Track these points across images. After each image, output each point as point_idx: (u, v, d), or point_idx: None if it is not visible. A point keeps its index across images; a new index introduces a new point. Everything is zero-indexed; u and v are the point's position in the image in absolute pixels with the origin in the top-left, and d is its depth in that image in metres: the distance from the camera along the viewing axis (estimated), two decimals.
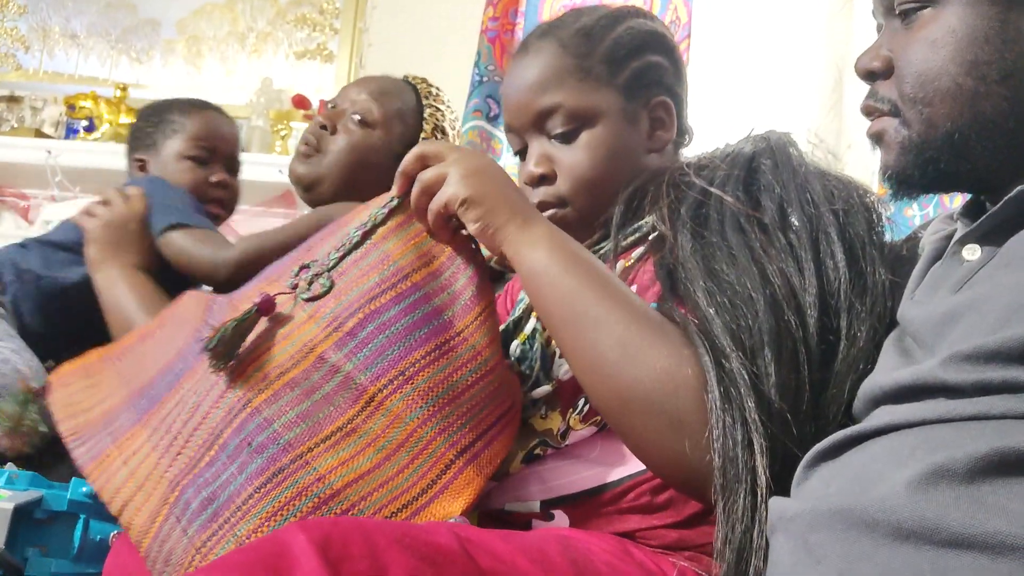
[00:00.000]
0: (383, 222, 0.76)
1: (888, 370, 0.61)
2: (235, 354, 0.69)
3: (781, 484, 0.60)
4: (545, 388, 0.77)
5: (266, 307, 0.71)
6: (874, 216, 0.74)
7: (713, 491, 0.60)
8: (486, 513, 0.76)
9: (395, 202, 0.77)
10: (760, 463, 0.59)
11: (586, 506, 0.73)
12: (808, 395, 0.63)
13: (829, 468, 0.56)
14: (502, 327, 0.80)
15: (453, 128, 1.36)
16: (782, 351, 0.63)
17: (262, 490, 0.64)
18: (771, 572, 0.55)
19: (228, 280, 1.12)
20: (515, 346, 0.80)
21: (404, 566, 0.53)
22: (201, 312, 0.80)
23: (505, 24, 2.13)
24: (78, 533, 0.86)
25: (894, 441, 0.53)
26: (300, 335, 0.71)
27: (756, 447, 0.60)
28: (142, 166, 1.45)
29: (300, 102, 2.59)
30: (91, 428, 0.75)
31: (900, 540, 0.46)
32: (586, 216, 0.84)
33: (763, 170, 0.74)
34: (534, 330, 0.79)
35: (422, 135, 1.29)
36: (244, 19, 2.79)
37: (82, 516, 0.86)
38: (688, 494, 0.68)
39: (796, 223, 0.70)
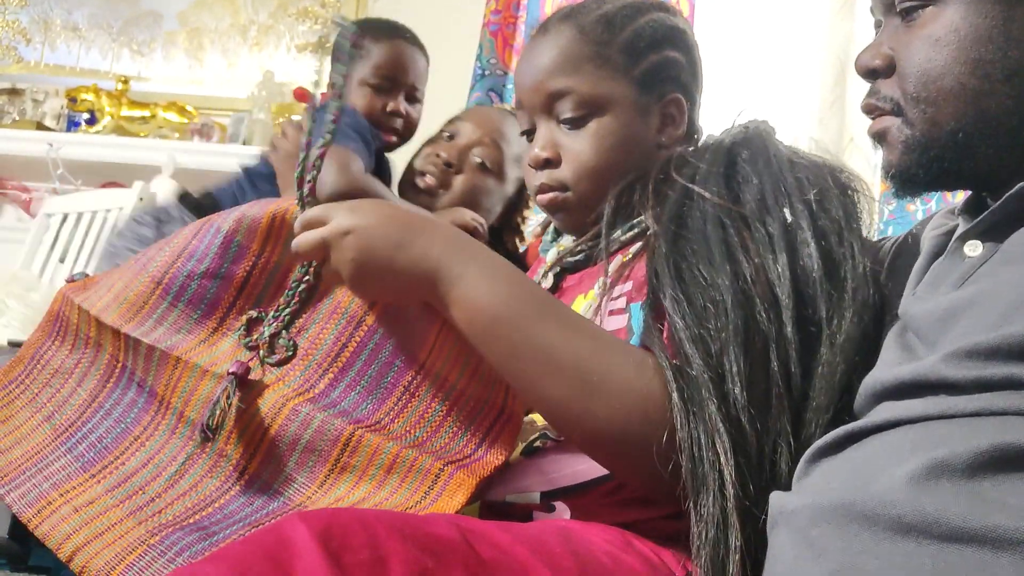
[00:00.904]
0: (320, 277, 0.75)
1: (890, 366, 0.61)
2: (224, 429, 0.69)
3: (771, 475, 0.61)
4: None
5: (244, 377, 0.71)
6: (851, 198, 0.73)
7: (683, 495, 0.61)
8: (487, 505, 0.76)
9: (317, 270, 0.75)
10: (726, 466, 0.60)
11: (586, 497, 0.73)
12: (781, 387, 0.63)
13: (830, 463, 0.56)
14: None
15: None
16: (749, 347, 0.64)
17: (260, 527, 0.65)
18: (772, 566, 0.54)
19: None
20: None
21: (404, 556, 0.53)
22: (111, 342, 0.78)
23: (507, 17, 2.13)
24: None
25: (895, 437, 0.53)
26: (271, 394, 0.71)
27: (720, 450, 0.60)
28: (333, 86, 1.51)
29: (302, 95, 2.58)
30: (18, 470, 0.73)
31: (901, 534, 0.46)
32: (587, 201, 0.84)
33: (741, 162, 0.74)
34: None
35: None
36: (246, 11, 2.79)
37: None
38: (658, 497, 0.68)
39: (774, 216, 0.70)
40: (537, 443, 0.77)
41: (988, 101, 0.60)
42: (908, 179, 0.64)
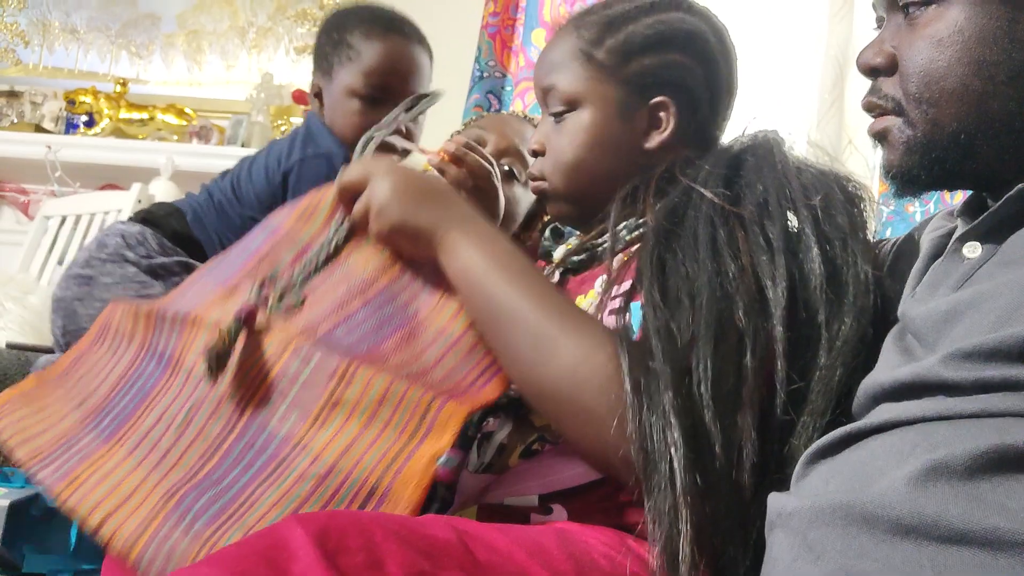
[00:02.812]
0: (345, 240, 0.79)
1: (889, 368, 0.61)
2: (226, 367, 0.71)
3: (731, 469, 0.60)
4: None
5: (250, 320, 0.72)
6: (856, 206, 0.73)
7: (635, 481, 0.61)
8: (484, 507, 0.76)
9: (348, 223, 0.80)
10: (676, 457, 0.59)
11: (584, 499, 0.73)
12: (752, 384, 0.63)
13: (829, 465, 0.56)
14: None
15: None
16: (720, 343, 0.63)
17: (267, 482, 0.65)
18: (770, 568, 0.54)
19: None
20: None
21: (401, 559, 0.53)
22: (143, 328, 0.81)
23: (505, 20, 2.13)
24: (75, 530, 0.86)
25: (894, 438, 0.52)
26: (275, 338, 0.72)
27: (670, 440, 0.60)
28: (318, 93, 1.27)
29: (300, 97, 2.58)
30: (49, 450, 0.75)
31: (900, 536, 0.46)
32: (562, 193, 0.88)
33: (746, 168, 0.75)
34: None
35: None
36: (244, 14, 2.79)
37: None
38: (620, 481, 0.67)
39: (774, 220, 0.70)
40: (535, 446, 0.77)
41: (991, 103, 0.59)
42: (909, 180, 0.64)
